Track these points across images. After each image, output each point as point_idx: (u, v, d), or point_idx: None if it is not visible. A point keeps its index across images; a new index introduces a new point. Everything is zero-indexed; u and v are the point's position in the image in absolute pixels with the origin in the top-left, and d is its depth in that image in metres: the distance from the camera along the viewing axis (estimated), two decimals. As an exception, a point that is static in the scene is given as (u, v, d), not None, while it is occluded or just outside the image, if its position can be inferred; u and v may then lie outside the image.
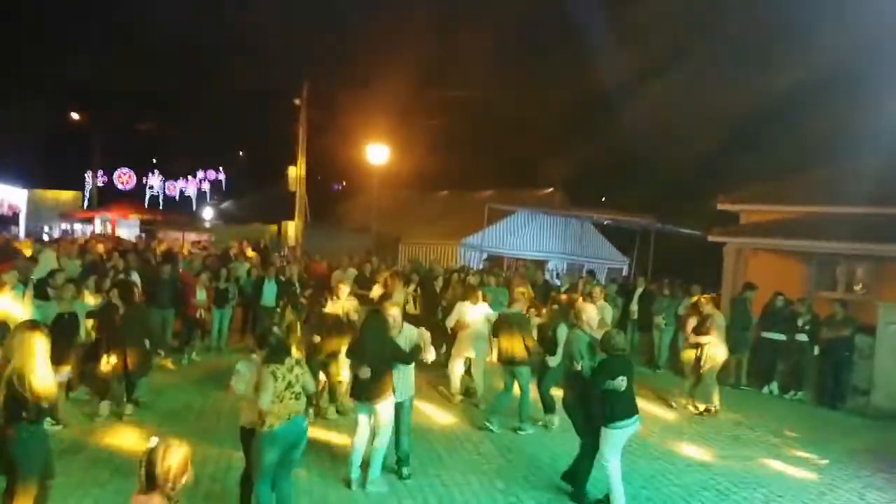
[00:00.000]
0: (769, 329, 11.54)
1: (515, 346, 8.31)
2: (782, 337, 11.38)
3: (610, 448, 6.02)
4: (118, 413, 7.70)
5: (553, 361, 8.18)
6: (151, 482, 3.31)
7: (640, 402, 9.54)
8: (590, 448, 6.25)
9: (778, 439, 8.80)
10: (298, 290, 12.12)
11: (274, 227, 29.98)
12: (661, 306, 12.46)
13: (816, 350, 11.05)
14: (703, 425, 9.23)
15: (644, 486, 6.85)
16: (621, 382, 5.92)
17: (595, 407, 6.10)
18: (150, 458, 3.31)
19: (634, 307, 13.11)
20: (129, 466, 6.35)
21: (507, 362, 8.37)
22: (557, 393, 7.53)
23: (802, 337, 11.23)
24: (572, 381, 6.53)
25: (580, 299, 9.45)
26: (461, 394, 9.53)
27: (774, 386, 11.44)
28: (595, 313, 7.14)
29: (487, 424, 8.15)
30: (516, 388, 8.39)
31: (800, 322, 11.32)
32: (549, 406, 8.42)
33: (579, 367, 6.34)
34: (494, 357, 9.25)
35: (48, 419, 5.53)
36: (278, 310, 11.24)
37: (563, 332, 7.85)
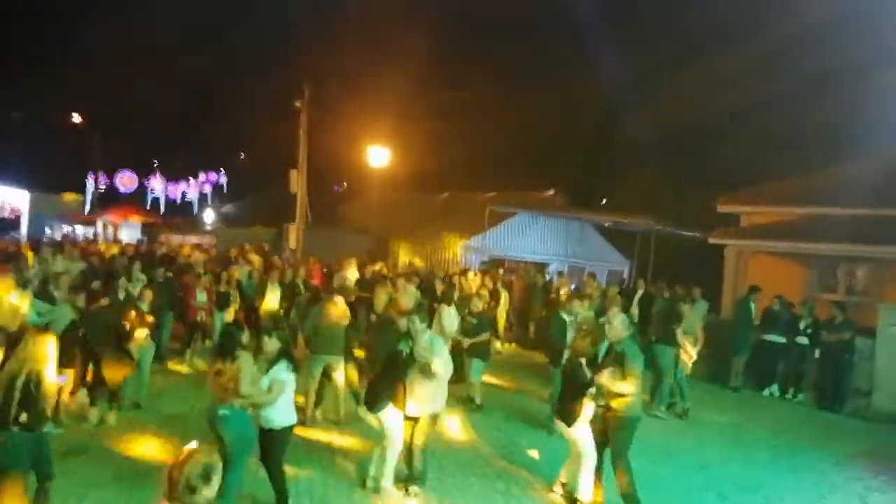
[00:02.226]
0: (769, 331, 11.55)
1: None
2: (782, 339, 11.39)
3: None
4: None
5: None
6: (170, 488, 2.99)
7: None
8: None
9: (778, 441, 8.81)
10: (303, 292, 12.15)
11: (274, 230, 30.01)
12: (660, 309, 12.43)
13: (817, 353, 11.06)
14: (702, 427, 9.24)
15: (643, 488, 6.84)
16: None
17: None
18: (173, 462, 3.00)
19: (635, 310, 13.10)
20: (130, 468, 6.39)
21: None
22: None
23: (803, 339, 11.24)
24: None
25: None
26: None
27: (775, 388, 11.45)
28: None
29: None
30: None
31: (801, 325, 11.33)
32: None
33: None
34: None
35: (50, 422, 5.56)
36: (281, 312, 11.27)
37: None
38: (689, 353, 9.65)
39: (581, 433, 6.13)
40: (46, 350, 4.85)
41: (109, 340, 7.61)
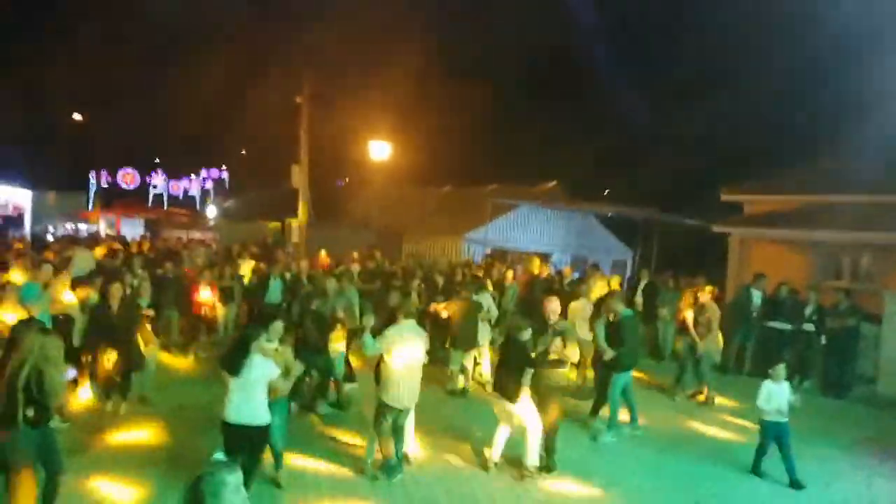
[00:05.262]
0: (774, 318, 11.52)
1: None
2: (788, 326, 11.36)
3: None
4: (116, 410, 7.75)
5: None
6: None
7: (645, 393, 9.74)
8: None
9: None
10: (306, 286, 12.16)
11: (277, 225, 30.00)
12: (664, 298, 12.46)
13: (823, 339, 11.04)
14: (707, 415, 9.24)
15: (649, 476, 6.87)
16: None
17: None
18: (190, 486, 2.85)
19: (638, 299, 13.09)
20: (136, 462, 6.41)
21: None
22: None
23: (809, 326, 11.22)
24: None
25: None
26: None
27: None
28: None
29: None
30: None
31: (806, 311, 11.30)
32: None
33: None
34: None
35: (56, 417, 5.59)
36: (283, 306, 11.28)
37: None
38: (695, 337, 9.72)
39: (524, 406, 6.46)
40: (49, 346, 4.84)
41: (127, 337, 7.81)
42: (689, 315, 9.95)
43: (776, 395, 7.04)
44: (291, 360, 6.07)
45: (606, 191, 30.82)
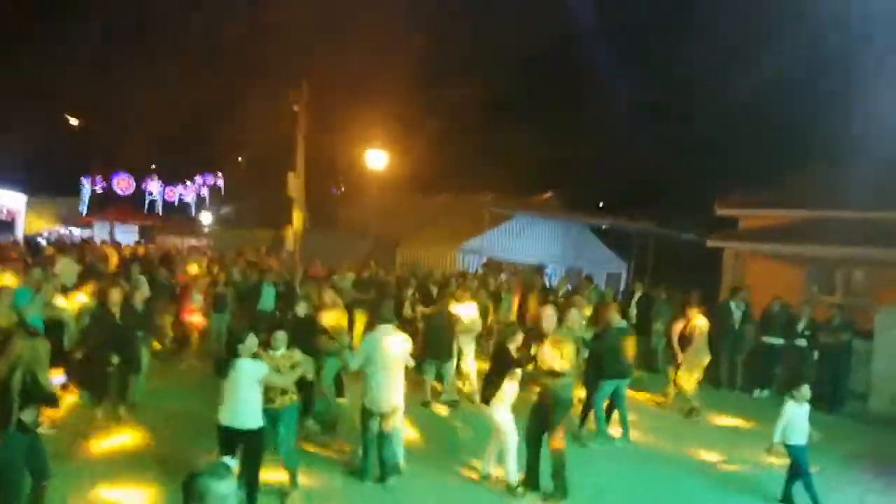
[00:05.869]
0: (768, 333, 11.54)
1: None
2: (780, 341, 11.38)
3: None
4: (114, 415, 7.70)
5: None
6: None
7: (638, 406, 9.72)
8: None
9: (775, 444, 8.76)
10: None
11: (272, 233, 29.92)
12: (658, 311, 12.47)
13: (815, 354, 11.05)
14: (700, 429, 9.22)
15: (642, 490, 6.84)
16: None
17: None
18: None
19: (632, 311, 13.09)
20: (127, 467, 6.35)
21: None
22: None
23: (801, 341, 11.23)
24: None
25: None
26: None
27: (766, 392, 11.38)
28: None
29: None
30: None
31: (799, 326, 11.31)
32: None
33: None
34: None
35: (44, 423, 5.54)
36: (277, 313, 11.23)
37: None
38: (676, 349, 9.83)
39: (500, 414, 6.37)
40: (38, 349, 4.82)
41: (129, 342, 7.81)
42: (676, 328, 9.98)
43: (798, 417, 6.73)
44: (299, 359, 6.09)
45: (601, 203, 30.91)
